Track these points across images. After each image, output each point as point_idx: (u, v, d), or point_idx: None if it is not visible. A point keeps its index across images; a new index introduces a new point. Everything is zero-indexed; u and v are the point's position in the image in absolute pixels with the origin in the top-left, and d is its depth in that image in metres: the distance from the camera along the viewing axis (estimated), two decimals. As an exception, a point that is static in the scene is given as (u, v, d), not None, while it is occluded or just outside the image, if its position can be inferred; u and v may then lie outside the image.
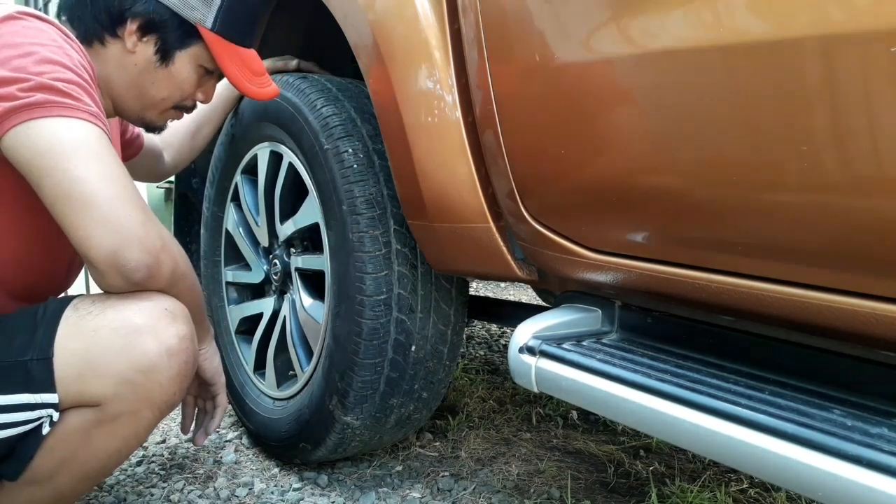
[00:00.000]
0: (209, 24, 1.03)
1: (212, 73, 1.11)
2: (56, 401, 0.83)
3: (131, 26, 1.00)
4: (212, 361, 1.10)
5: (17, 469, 0.87)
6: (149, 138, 1.40)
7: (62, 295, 0.97)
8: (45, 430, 0.85)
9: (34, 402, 0.83)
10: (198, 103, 1.16)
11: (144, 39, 1.02)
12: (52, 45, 0.85)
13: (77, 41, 0.92)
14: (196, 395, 1.16)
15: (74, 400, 0.84)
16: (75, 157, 0.79)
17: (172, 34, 1.02)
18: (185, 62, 1.05)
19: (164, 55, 1.03)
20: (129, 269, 0.82)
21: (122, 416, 0.85)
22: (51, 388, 0.82)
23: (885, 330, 0.61)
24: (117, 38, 1.01)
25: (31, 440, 0.86)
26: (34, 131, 0.78)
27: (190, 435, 1.14)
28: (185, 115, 1.17)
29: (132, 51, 1.02)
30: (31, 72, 0.80)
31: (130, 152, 1.36)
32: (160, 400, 0.87)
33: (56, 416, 0.85)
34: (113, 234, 0.80)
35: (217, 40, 1.04)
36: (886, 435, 0.58)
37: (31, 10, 0.89)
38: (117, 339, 0.83)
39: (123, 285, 0.85)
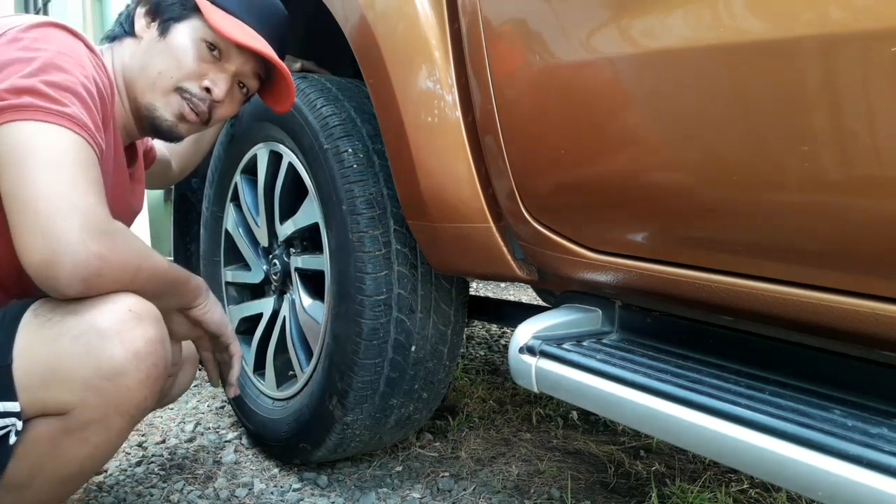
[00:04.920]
0: None
1: (218, 56, 1.09)
2: (18, 409, 0.80)
3: (140, 12, 1.08)
4: (212, 314, 1.07)
5: None
6: (159, 149, 1.43)
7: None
8: (12, 439, 0.82)
9: None
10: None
11: (151, 25, 1.08)
12: (67, 52, 0.85)
13: (101, 58, 0.94)
14: (212, 349, 1.15)
15: (39, 408, 0.82)
16: (33, 159, 0.78)
17: (171, 10, 1.08)
18: (182, 33, 1.08)
19: (164, 30, 1.08)
20: (60, 284, 0.79)
21: (90, 423, 0.83)
22: (11, 396, 0.80)
23: (885, 330, 0.61)
24: (134, 36, 1.09)
25: (2, 449, 0.83)
26: (8, 130, 0.79)
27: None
28: (202, 124, 1.13)
29: (141, 36, 1.08)
30: (27, 73, 0.81)
31: (146, 163, 1.38)
32: (130, 405, 0.85)
33: (20, 424, 0.82)
34: (43, 244, 0.77)
35: (213, 9, 1.07)
36: (886, 435, 0.58)
37: (67, 25, 0.91)
38: (81, 345, 0.81)
39: (62, 296, 0.82)
